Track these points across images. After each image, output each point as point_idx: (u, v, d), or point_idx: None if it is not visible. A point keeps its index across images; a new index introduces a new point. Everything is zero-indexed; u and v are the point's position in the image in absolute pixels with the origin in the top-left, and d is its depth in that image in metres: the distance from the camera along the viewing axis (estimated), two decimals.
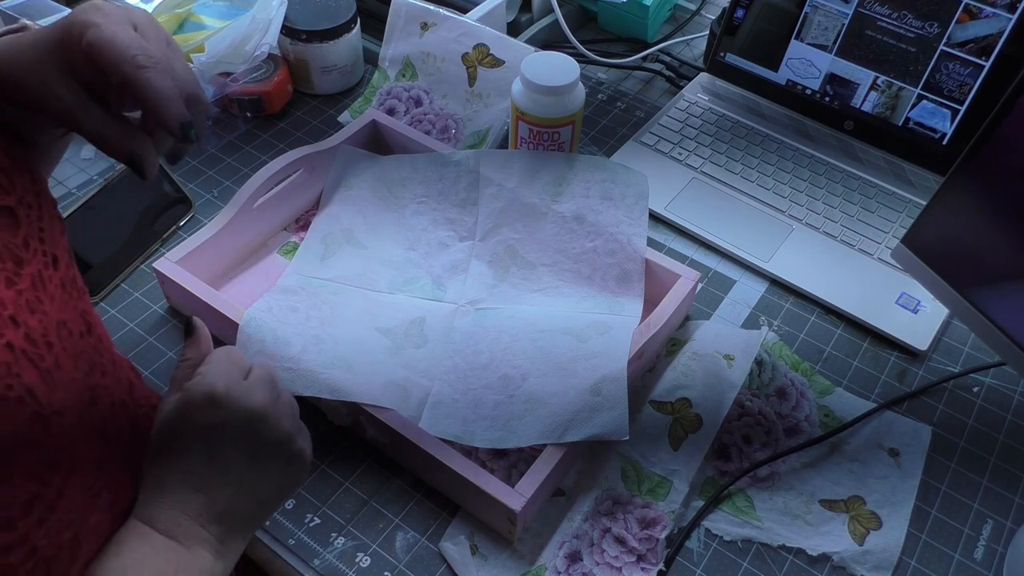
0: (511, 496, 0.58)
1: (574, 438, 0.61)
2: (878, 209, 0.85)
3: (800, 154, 0.91)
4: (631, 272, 0.74)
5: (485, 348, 0.70)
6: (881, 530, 0.63)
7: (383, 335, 0.71)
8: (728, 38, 0.95)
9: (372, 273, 0.76)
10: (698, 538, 0.63)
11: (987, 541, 0.64)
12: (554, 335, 0.70)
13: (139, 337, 0.73)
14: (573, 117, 0.77)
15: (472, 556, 0.60)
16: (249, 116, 0.92)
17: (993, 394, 0.73)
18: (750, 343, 0.72)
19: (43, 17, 0.92)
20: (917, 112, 0.86)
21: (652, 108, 0.98)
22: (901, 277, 0.79)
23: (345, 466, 0.66)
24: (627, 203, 0.75)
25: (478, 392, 0.67)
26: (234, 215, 0.75)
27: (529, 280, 0.76)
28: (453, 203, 0.79)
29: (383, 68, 0.95)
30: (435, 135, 0.90)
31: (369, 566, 0.60)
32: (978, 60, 0.81)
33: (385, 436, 0.63)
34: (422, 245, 0.78)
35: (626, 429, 0.61)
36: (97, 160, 0.88)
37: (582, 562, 0.60)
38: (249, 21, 0.87)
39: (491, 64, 0.89)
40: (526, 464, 0.63)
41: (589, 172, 0.77)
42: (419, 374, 0.69)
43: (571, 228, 0.75)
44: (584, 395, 0.63)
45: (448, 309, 0.74)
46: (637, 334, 0.68)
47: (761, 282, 0.80)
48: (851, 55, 0.88)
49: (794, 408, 0.70)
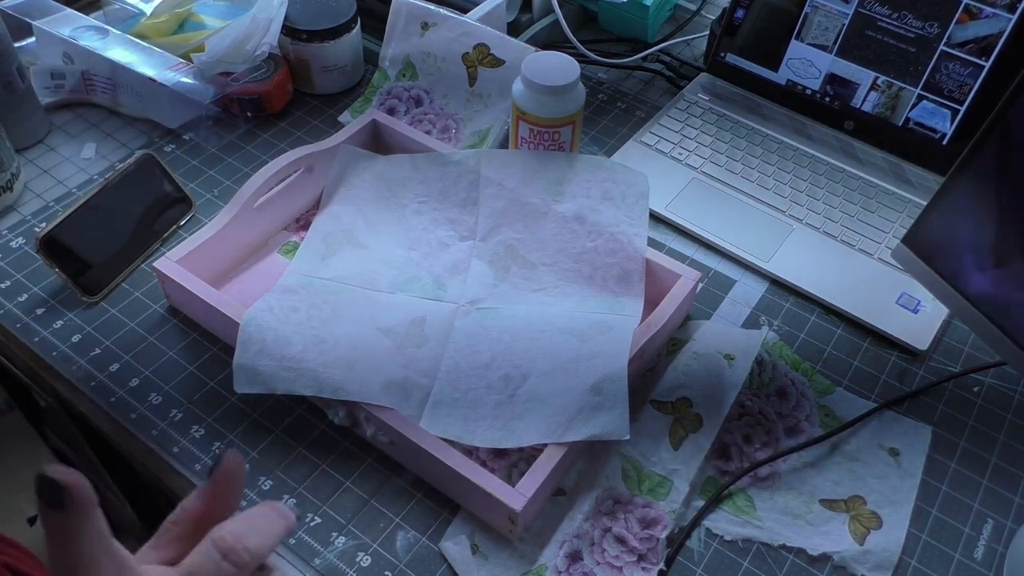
0: (512, 496, 0.58)
1: (575, 438, 0.61)
2: (878, 209, 0.85)
3: (800, 154, 0.91)
4: (632, 272, 0.74)
5: (486, 348, 0.70)
6: (882, 530, 0.63)
7: (384, 335, 0.71)
8: (728, 38, 0.95)
9: (373, 273, 0.76)
10: (699, 538, 0.63)
11: (987, 541, 0.64)
12: (555, 335, 0.70)
13: (139, 337, 0.73)
14: (573, 117, 0.77)
15: (473, 556, 0.60)
16: (249, 116, 0.92)
17: (993, 394, 0.73)
18: (750, 343, 0.72)
19: (43, 17, 0.92)
20: (917, 112, 0.86)
21: (652, 108, 0.98)
22: (901, 277, 0.79)
23: (345, 466, 0.66)
24: (627, 203, 0.76)
25: (479, 392, 0.67)
26: (235, 215, 0.75)
27: (530, 280, 0.76)
28: (454, 203, 0.79)
29: (383, 68, 0.95)
30: (435, 135, 0.90)
31: (370, 565, 0.60)
32: (978, 60, 0.81)
33: (386, 436, 0.63)
34: (423, 245, 0.78)
35: (627, 429, 0.61)
36: (97, 160, 0.88)
37: (583, 561, 0.60)
38: (249, 21, 0.87)
39: (491, 64, 0.89)
40: (527, 464, 0.63)
41: (590, 172, 0.77)
42: (420, 374, 0.69)
43: (572, 228, 0.75)
44: (585, 395, 0.63)
45: (449, 309, 0.74)
46: (638, 334, 0.68)
47: (761, 282, 0.80)
48: (851, 55, 0.88)
49: (794, 408, 0.70)
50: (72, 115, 0.93)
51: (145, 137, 0.91)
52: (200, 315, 0.73)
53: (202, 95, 0.87)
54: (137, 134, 0.91)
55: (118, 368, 0.71)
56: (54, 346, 0.72)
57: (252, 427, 0.68)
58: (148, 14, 0.96)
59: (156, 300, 0.76)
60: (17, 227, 0.81)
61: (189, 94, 0.86)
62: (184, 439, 0.67)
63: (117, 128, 0.92)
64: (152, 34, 0.95)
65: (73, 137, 0.91)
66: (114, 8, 0.99)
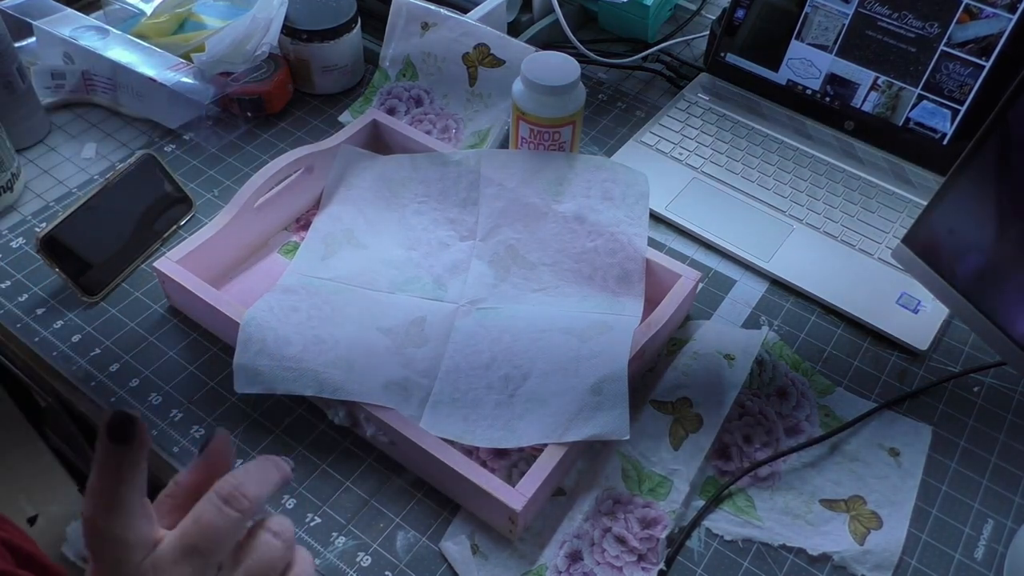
0: (512, 496, 0.58)
1: (575, 438, 0.61)
2: (878, 209, 0.85)
3: (800, 154, 0.91)
4: (632, 272, 0.74)
5: (486, 348, 0.70)
6: (882, 530, 0.63)
7: (384, 335, 0.71)
8: (728, 38, 0.95)
9: (373, 273, 0.76)
10: (699, 538, 0.63)
11: (988, 541, 0.64)
12: (555, 335, 0.70)
13: (140, 337, 0.73)
14: (573, 117, 0.77)
15: (473, 556, 0.60)
16: (250, 116, 0.92)
17: (993, 394, 0.73)
18: (751, 343, 0.72)
19: (43, 17, 0.92)
20: (917, 112, 0.86)
21: (652, 108, 0.98)
22: (901, 277, 0.79)
23: (345, 466, 0.66)
24: (628, 203, 0.76)
25: (479, 392, 0.67)
26: (235, 215, 0.75)
27: (530, 280, 0.76)
28: (454, 203, 0.79)
29: (384, 68, 0.95)
30: (435, 135, 0.90)
31: (370, 565, 0.60)
32: (978, 60, 0.81)
33: (386, 436, 0.63)
34: (423, 245, 0.78)
35: (627, 429, 0.61)
36: (97, 160, 0.88)
37: (583, 561, 0.60)
38: (249, 21, 0.87)
39: (492, 64, 0.89)
40: (527, 464, 0.63)
41: (590, 172, 0.77)
42: (420, 374, 0.69)
43: (572, 228, 0.76)
44: (585, 395, 0.63)
45: (449, 309, 0.74)
46: (638, 334, 0.68)
47: (761, 282, 0.80)
48: (851, 55, 0.88)
49: (794, 408, 0.70)
50: (72, 115, 0.93)
51: (145, 137, 0.91)
52: (200, 315, 0.73)
53: (202, 95, 0.87)
54: (137, 134, 0.91)
55: (118, 368, 0.71)
56: (54, 346, 0.72)
57: (252, 427, 0.68)
58: (148, 14, 0.96)
59: (156, 300, 0.76)
60: (17, 227, 0.81)
61: (189, 94, 0.86)
62: (184, 439, 0.67)
63: (117, 128, 0.92)
64: (152, 34, 0.95)
65: (73, 137, 0.91)
66: (114, 8, 0.99)
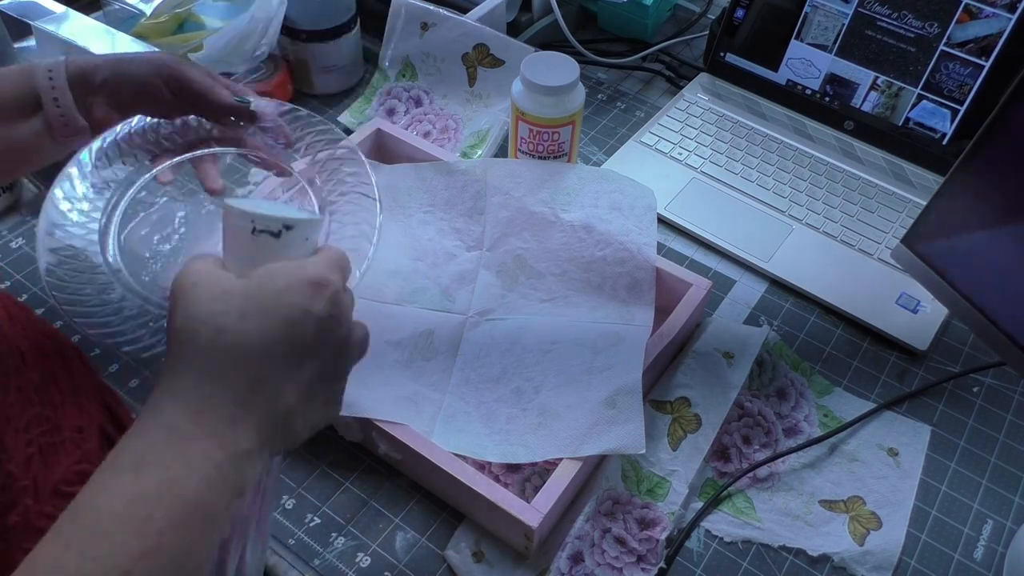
0: (528, 512, 0.57)
1: (590, 452, 0.60)
2: (878, 209, 0.85)
3: (800, 154, 0.91)
4: (641, 281, 0.73)
5: (496, 360, 0.69)
6: (881, 530, 0.63)
7: (392, 348, 0.70)
8: (728, 38, 0.95)
9: (379, 284, 0.75)
10: (698, 538, 0.63)
11: (987, 541, 0.64)
12: (566, 346, 0.70)
13: None
14: (573, 117, 0.77)
15: (478, 564, 0.60)
16: None
17: (993, 394, 0.73)
18: (750, 343, 0.72)
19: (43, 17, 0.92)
20: (917, 112, 0.86)
21: (652, 108, 0.98)
22: (901, 277, 0.79)
23: (345, 466, 0.66)
24: (636, 213, 0.75)
25: (490, 405, 0.66)
26: None
27: (538, 290, 0.75)
28: (460, 212, 0.78)
29: (383, 68, 0.95)
30: (435, 135, 0.90)
31: (369, 566, 0.60)
32: (978, 60, 0.81)
33: (397, 452, 0.62)
34: (429, 255, 0.77)
35: (643, 443, 0.61)
36: None
37: (584, 563, 0.60)
38: (249, 21, 0.87)
39: (491, 64, 0.89)
40: (540, 478, 0.62)
41: (597, 183, 0.76)
42: (430, 387, 0.68)
43: (580, 237, 0.75)
44: (599, 408, 0.63)
45: (457, 320, 0.73)
46: (651, 344, 0.67)
47: (761, 282, 0.80)
48: (851, 55, 0.88)
49: (794, 408, 0.70)
50: None
51: None
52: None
53: None
54: None
55: (117, 368, 0.71)
56: None
57: None
58: (148, 14, 0.96)
59: None
60: (17, 227, 0.81)
61: None
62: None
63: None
64: (152, 34, 0.94)
65: None
66: (114, 8, 0.99)
